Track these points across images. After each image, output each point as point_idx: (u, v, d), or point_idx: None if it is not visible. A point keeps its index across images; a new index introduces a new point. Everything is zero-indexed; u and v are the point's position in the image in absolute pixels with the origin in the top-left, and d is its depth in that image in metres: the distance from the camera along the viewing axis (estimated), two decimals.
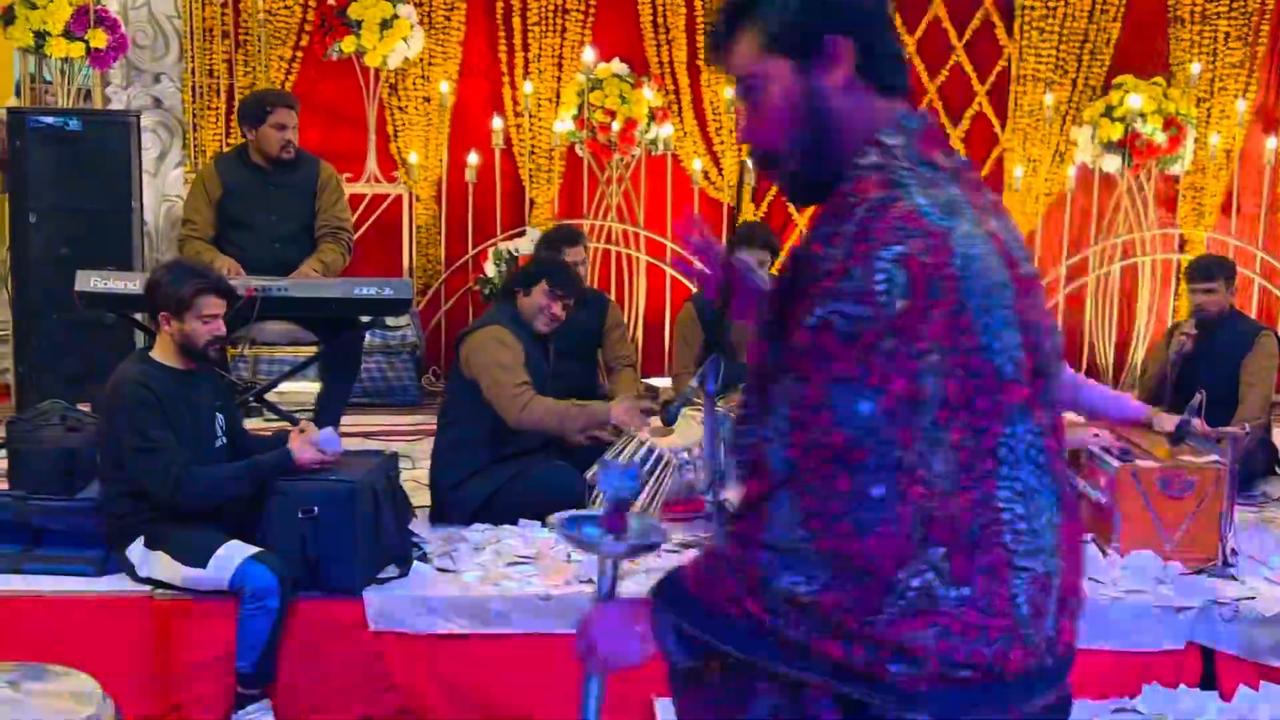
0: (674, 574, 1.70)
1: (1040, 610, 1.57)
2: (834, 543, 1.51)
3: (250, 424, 5.09)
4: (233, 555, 3.76)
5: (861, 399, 1.49)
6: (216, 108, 6.89)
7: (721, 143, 7.10)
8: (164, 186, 6.88)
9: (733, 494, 4.59)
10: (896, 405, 1.49)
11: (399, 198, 6.99)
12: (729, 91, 7.00)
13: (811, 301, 1.53)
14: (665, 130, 6.99)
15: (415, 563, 4.16)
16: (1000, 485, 1.54)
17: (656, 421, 4.69)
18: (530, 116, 7.02)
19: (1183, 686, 4.00)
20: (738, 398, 5.36)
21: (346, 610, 3.93)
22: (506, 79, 7.08)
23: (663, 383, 6.53)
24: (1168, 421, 4.58)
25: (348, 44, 6.64)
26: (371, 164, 6.97)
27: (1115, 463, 4.42)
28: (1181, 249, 7.15)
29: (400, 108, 6.99)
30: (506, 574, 4.12)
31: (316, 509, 3.88)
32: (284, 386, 6.03)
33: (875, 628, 1.52)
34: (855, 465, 1.49)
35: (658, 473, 4.54)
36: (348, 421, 5.59)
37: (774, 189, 7.21)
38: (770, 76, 1.65)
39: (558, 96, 7.04)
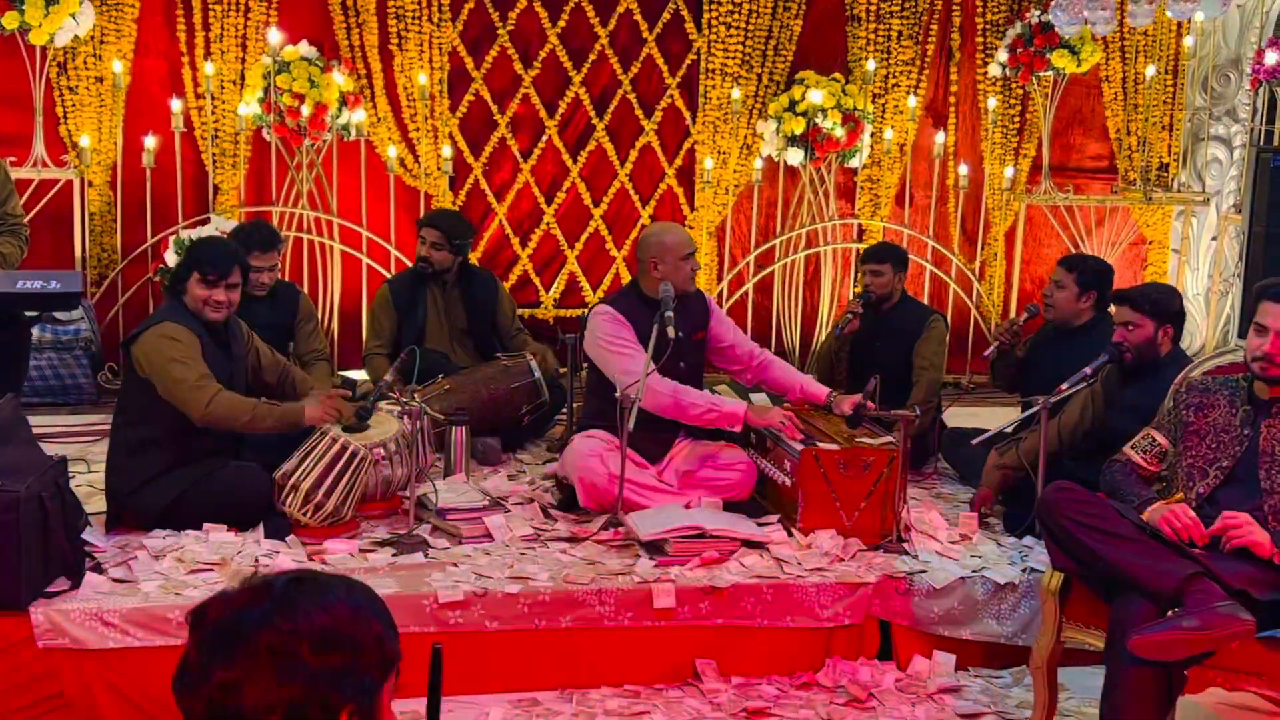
0: None
1: None
2: None
3: None
4: None
5: None
6: None
7: (416, 129, 6.98)
8: None
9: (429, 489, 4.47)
10: None
11: (69, 183, 6.56)
12: (422, 77, 6.89)
13: None
14: (357, 116, 6.82)
15: (88, 574, 3.93)
16: None
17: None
18: (212, 99, 6.72)
19: (862, 658, 4.21)
20: (434, 388, 5.33)
21: (11, 627, 3.68)
22: (186, 59, 6.73)
23: (359, 375, 6.38)
24: (846, 403, 4.81)
25: (9, 20, 6.18)
26: (39, 148, 6.51)
27: (798, 446, 4.60)
28: (860, 238, 7.51)
29: (70, 88, 6.56)
30: (189, 582, 3.95)
31: None
32: None
33: None
34: None
35: (353, 469, 4.43)
36: None
37: (473, 177, 7.17)
38: None
39: (242, 78, 6.75)
